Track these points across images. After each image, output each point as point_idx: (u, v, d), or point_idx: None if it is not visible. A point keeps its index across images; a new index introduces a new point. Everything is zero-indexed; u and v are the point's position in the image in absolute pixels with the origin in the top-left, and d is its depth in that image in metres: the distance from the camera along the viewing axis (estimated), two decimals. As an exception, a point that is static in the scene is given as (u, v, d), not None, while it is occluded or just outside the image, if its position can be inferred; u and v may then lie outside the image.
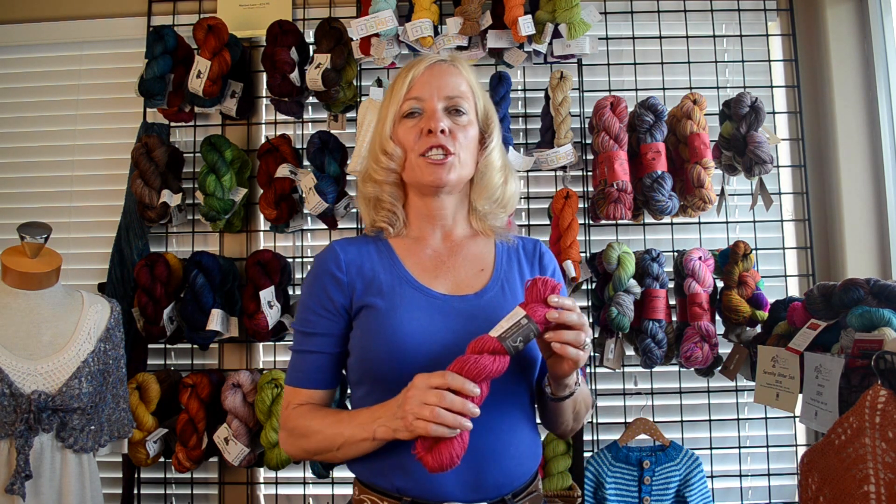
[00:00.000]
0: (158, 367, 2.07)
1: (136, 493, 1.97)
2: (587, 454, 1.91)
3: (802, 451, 1.69)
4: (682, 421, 2.02)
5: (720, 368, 1.87)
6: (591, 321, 2.01)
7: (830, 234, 2.05)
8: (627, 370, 2.01)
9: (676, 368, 2.02)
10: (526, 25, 1.81)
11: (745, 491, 2.02)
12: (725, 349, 1.88)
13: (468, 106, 1.12)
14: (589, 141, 2.00)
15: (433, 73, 1.11)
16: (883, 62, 1.96)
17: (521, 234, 2.08)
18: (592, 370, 2.00)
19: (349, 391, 1.16)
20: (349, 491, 1.15)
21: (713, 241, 2.05)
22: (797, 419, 1.42)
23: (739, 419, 2.04)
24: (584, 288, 2.02)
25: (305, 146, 1.99)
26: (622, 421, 2.00)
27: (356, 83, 2.06)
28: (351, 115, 2.09)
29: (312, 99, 2.08)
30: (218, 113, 2.11)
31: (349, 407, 1.15)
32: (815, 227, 2.05)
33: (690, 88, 2.08)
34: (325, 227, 2.03)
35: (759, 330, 1.78)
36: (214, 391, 1.85)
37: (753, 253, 1.85)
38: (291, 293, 2.04)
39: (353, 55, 1.94)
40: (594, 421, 2.01)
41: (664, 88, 2.09)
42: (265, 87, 2.07)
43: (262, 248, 2.09)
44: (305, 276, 1.13)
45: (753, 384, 1.58)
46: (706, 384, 2.02)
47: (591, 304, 2.01)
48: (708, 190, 1.81)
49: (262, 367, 2.10)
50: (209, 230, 2.08)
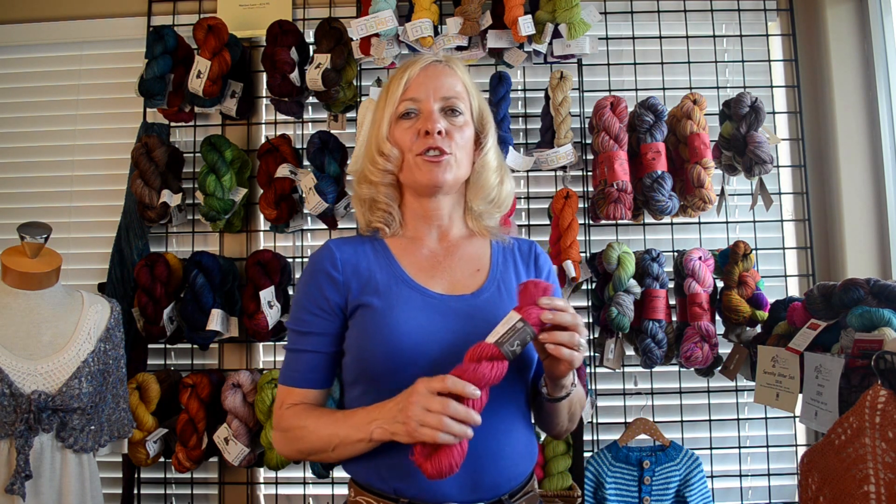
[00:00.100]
0: (158, 367, 2.07)
1: (136, 493, 1.97)
2: (587, 454, 1.91)
3: (802, 451, 1.69)
4: (682, 421, 2.02)
5: (720, 368, 1.87)
6: (591, 321, 2.01)
7: (830, 234, 2.05)
8: (627, 370, 2.01)
9: (676, 368, 2.02)
10: (526, 25, 1.81)
11: (745, 491, 2.02)
12: (725, 349, 1.88)
13: (464, 106, 1.12)
14: (589, 141, 2.00)
15: (429, 73, 1.11)
16: (883, 62, 1.96)
17: (521, 234, 2.09)
18: (592, 370, 2.00)
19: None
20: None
21: (713, 241, 2.05)
22: (797, 419, 1.42)
23: (739, 419, 2.04)
24: (584, 288, 2.02)
25: (305, 146, 1.99)
26: (622, 421, 2.00)
27: (356, 83, 2.06)
28: (351, 115, 2.09)
29: (312, 99, 2.08)
30: (218, 113, 2.11)
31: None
32: (815, 227, 2.05)
33: (690, 88, 2.08)
34: (325, 227, 2.03)
35: (759, 330, 1.78)
36: (214, 391, 1.85)
37: (753, 253, 1.85)
38: (291, 293, 2.04)
39: (353, 55, 1.94)
40: (594, 421, 2.01)
41: (664, 88, 2.09)
42: (265, 87, 2.07)
43: (262, 248, 2.09)
44: (301, 274, 1.12)
45: (753, 384, 1.58)
46: (706, 384, 2.03)
47: (591, 304, 2.01)
48: (708, 190, 1.81)
49: (262, 367, 2.10)
50: (209, 230, 2.08)
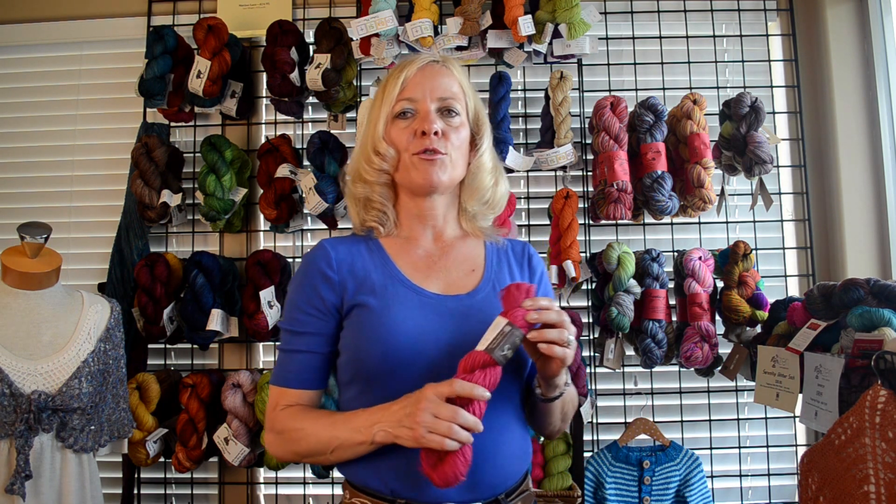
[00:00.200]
0: (158, 367, 2.07)
1: (136, 493, 1.97)
2: (587, 454, 1.91)
3: (802, 451, 1.69)
4: (682, 421, 2.02)
5: (720, 368, 1.87)
6: (591, 321, 2.01)
7: (830, 234, 2.05)
8: (627, 370, 2.01)
9: (676, 368, 2.02)
10: (526, 25, 1.81)
11: (745, 491, 2.02)
12: (725, 349, 1.88)
13: (460, 107, 1.11)
14: (589, 141, 2.00)
15: (426, 73, 1.11)
16: (883, 62, 1.96)
17: (520, 234, 2.09)
18: (592, 370, 2.00)
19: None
20: (348, 491, 1.15)
21: (713, 241, 2.05)
22: (797, 419, 1.42)
23: (739, 419, 2.04)
24: (584, 288, 2.02)
25: (305, 146, 1.99)
26: (622, 421, 2.00)
27: (356, 83, 2.05)
28: (351, 115, 2.09)
29: (312, 99, 2.08)
30: (218, 113, 2.11)
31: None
32: (815, 227, 2.05)
33: (690, 88, 2.08)
34: (325, 227, 2.03)
35: (759, 330, 1.78)
36: (214, 391, 1.85)
37: (753, 253, 1.85)
38: (291, 293, 2.04)
39: (353, 55, 1.94)
40: (594, 421, 2.01)
41: (664, 88, 2.09)
42: (265, 87, 2.07)
43: (262, 248, 2.09)
44: (294, 274, 1.11)
45: (753, 384, 1.58)
46: (706, 384, 2.02)
47: (591, 304, 2.01)
48: (708, 190, 1.81)
49: (262, 367, 2.10)
50: (209, 230, 2.08)
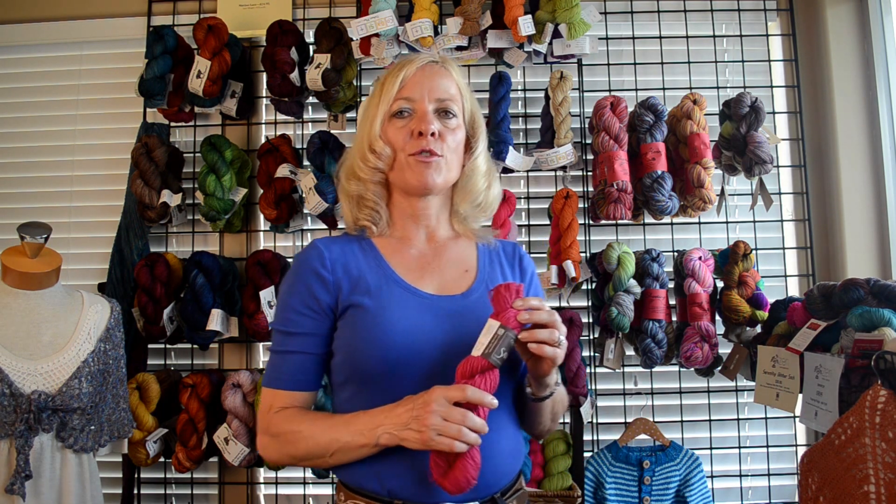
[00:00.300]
0: (158, 367, 2.07)
1: (136, 493, 1.97)
2: (587, 454, 1.91)
3: (802, 451, 1.69)
4: (682, 421, 2.02)
5: (720, 368, 1.87)
6: (591, 321, 2.01)
7: (830, 234, 2.04)
8: (627, 370, 2.01)
9: (676, 368, 2.02)
10: (526, 25, 1.80)
11: (745, 491, 2.01)
12: (725, 349, 1.88)
13: (457, 109, 1.11)
14: (589, 141, 2.00)
15: (425, 73, 1.11)
16: (883, 62, 1.96)
17: (520, 234, 2.09)
18: (592, 370, 2.00)
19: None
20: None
21: (713, 241, 2.05)
22: (797, 419, 1.42)
23: (739, 419, 2.04)
24: (584, 288, 2.02)
25: (305, 146, 1.98)
26: (622, 421, 2.00)
27: (356, 83, 2.05)
28: (351, 115, 2.09)
29: (312, 99, 2.08)
30: (218, 113, 2.11)
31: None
32: (815, 227, 2.05)
33: (690, 88, 2.08)
34: (325, 227, 2.03)
35: (759, 330, 1.78)
36: (214, 391, 1.85)
37: (753, 253, 1.84)
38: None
39: (353, 55, 1.94)
40: (594, 421, 2.01)
41: (664, 88, 2.09)
42: (265, 87, 2.07)
43: (262, 248, 2.09)
44: (286, 274, 1.10)
45: (753, 384, 1.58)
46: (706, 384, 2.02)
47: (591, 304, 2.01)
48: (708, 190, 1.81)
49: (262, 367, 2.10)
50: (209, 230, 2.07)
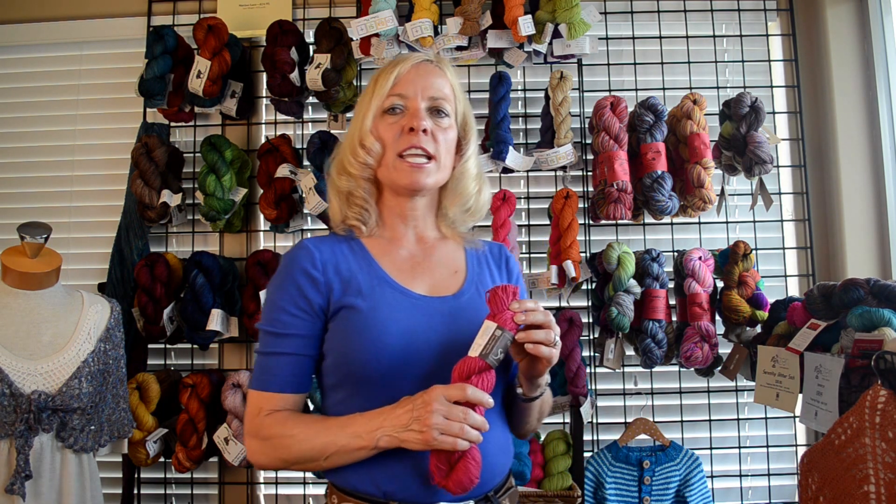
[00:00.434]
0: (158, 367, 2.07)
1: (136, 493, 1.97)
2: (587, 454, 1.91)
3: (802, 451, 1.69)
4: (682, 421, 2.02)
5: (720, 368, 1.87)
6: (591, 321, 2.01)
7: (830, 234, 2.04)
8: (627, 370, 2.01)
9: (676, 368, 2.02)
10: (526, 25, 1.80)
11: (745, 491, 2.01)
12: (725, 349, 1.88)
13: (450, 108, 1.11)
14: (589, 141, 2.00)
15: (419, 71, 1.10)
16: (883, 62, 1.96)
17: (520, 234, 2.09)
18: (592, 370, 1.99)
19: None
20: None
21: (713, 241, 2.05)
22: (797, 419, 1.42)
23: (739, 419, 2.04)
24: (584, 288, 2.02)
25: (305, 146, 1.99)
26: (622, 421, 2.00)
27: (356, 83, 2.05)
28: (351, 115, 2.09)
29: (312, 99, 2.08)
30: (218, 113, 2.11)
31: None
32: (815, 227, 2.05)
33: (690, 88, 2.08)
34: (325, 227, 2.03)
35: (759, 330, 1.78)
36: (214, 391, 1.85)
37: (753, 253, 1.85)
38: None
39: (353, 55, 1.94)
40: (594, 421, 2.01)
41: (664, 88, 2.09)
42: (265, 87, 2.07)
43: (262, 248, 2.09)
44: (274, 274, 1.08)
45: (753, 384, 1.58)
46: (706, 384, 2.02)
47: (591, 304, 2.01)
48: (708, 190, 1.81)
49: (262, 367, 2.10)
50: (209, 230, 2.07)
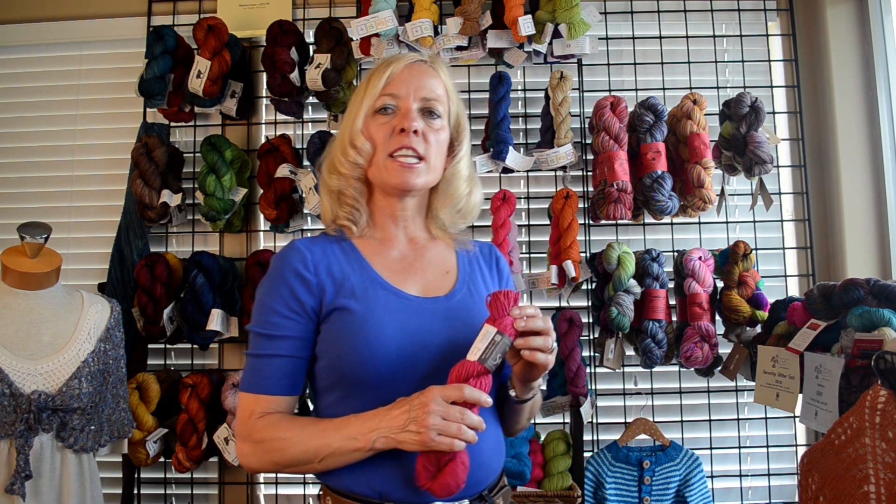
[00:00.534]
0: (158, 367, 2.06)
1: (136, 493, 1.97)
2: (587, 454, 1.91)
3: (802, 451, 1.69)
4: (682, 421, 2.02)
5: (720, 368, 1.87)
6: (591, 321, 2.01)
7: (830, 234, 2.04)
8: (627, 370, 2.01)
9: (676, 368, 2.02)
10: (526, 25, 1.80)
11: (745, 491, 2.01)
12: (725, 349, 1.88)
13: (443, 109, 1.10)
14: (589, 141, 2.00)
15: (412, 72, 1.09)
16: (883, 62, 1.96)
17: (520, 234, 2.09)
18: (592, 370, 1.99)
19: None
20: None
21: (713, 241, 2.05)
22: (797, 419, 1.42)
23: (739, 419, 2.04)
24: (584, 288, 2.02)
25: (305, 146, 1.99)
26: (622, 421, 2.00)
27: (356, 83, 2.05)
28: (351, 115, 2.09)
29: (312, 99, 2.08)
30: (218, 113, 2.11)
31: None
32: (815, 227, 2.05)
33: (690, 88, 2.08)
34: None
35: (759, 330, 1.78)
36: (214, 391, 1.85)
37: (753, 253, 1.84)
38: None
39: (353, 55, 1.94)
40: (594, 421, 2.01)
41: (664, 88, 2.09)
42: (265, 87, 2.07)
43: (262, 248, 2.09)
44: (265, 276, 1.07)
45: (753, 384, 1.58)
46: (706, 384, 2.02)
47: (591, 304, 2.01)
48: (708, 190, 1.81)
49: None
50: (209, 230, 2.07)
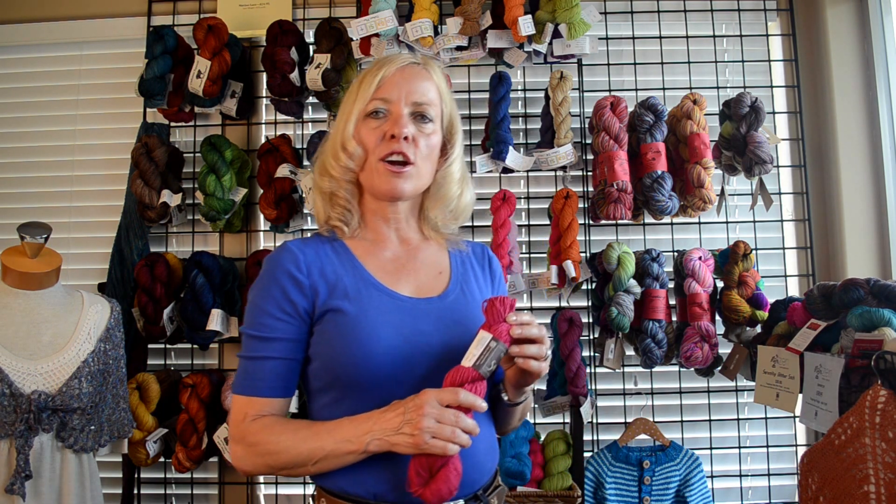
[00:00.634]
0: (158, 367, 2.06)
1: (136, 493, 1.97)
2: (587, 454, 1.91)
3: (802, 451, 1.69)
4: (682, 421, 2.02)
5: (720, 368, 1.87)
6: (591, 321, 2.01)
7: (830, 234, 2.04)
8: (627, 370, 2.01)
9: (676, 368, 2.02)
10: (526, 25, 1.81)
11: (745, 491, 2.02)
12: (725, 349, 1.88)
13: (435, 113, 1.09)
14: (589, 141, 2.00)
15: (404, 75, 1.08)
16: (883, 62, 1.96)
17: (520, 234, 2.09)
18: (592, 370, 1.99)
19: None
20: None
21: (713, 241, 2.05)
22: (797, 419, 1.42)
23: (739, 419, 2.04)
24: (584, 288, 2.02)
25: (305, 146, 1.99)
26: (622, 421, 2.00)
27: (356, 83, 2.05)
28: (351, 115, 2.09)
29: (312, 99, 2.08)
30: (218, 113, 2.11)
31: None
32: (815, 227, 2.05)
33: (690, 88, 2.08)
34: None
35: (759, 330, 1.78)
36: (214, 391, 1.85)
37: (753, 253, 1.85)
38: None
39: (353, 55, 1.94)
40: (594, 421, 2.01)
41: (664, 88, 2.09)
42: (265, 87, 2.07)
43: (262, 248, 2.09)
44: (257, 278, 1.07)
45: (753, 384, 1.58)
46: (706, 384, 2.02)
47: (591, 304, 2.01)
48: (708, 190, 1.81)
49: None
50: (209, 230, 2.07)
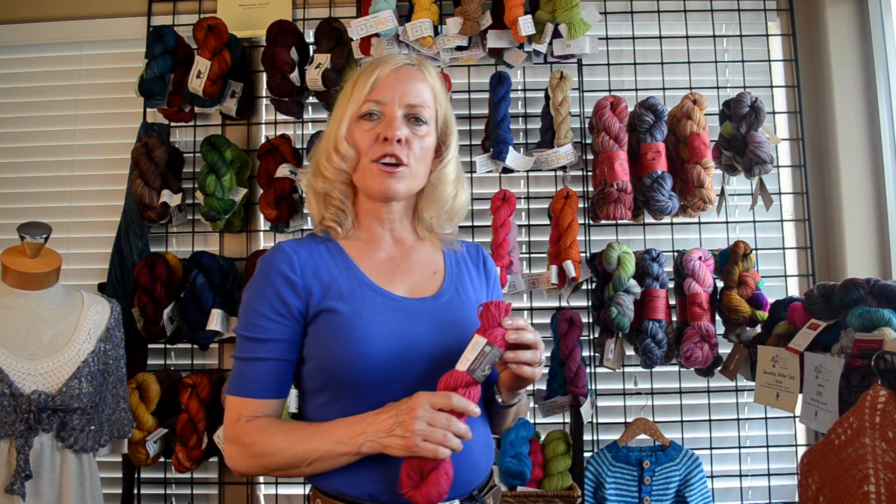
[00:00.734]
0: (158, 367, 2.07)
1: (136, 493, 1.97)
2: (587, 454, 1.91)
3: (802, 451, 1.69)
4: (682, 421, 2.02)
5: (720, 368, 1.87)
6: (591, 321, 2.01)
7: (830, 234, 2.04)
8: (627, 370, 2.01)
9: (676, 368, 2.02)
10: (526, 25, 1.81)
11: (745, 491, 2.02)
12: (725, 349, 1.88)
13: (429, 114, 1.09)
14: (589, 141, 2.00)
15: (398, 76, 1.07)
16: (883, 62, 1.96)
17: (520, 234, 2.09)
18: (592, 370, 1.99)
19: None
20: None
21: (713, 241, 2.05)
22: (797, 419, 1.42)
23: (739, 419, 2.04)
24: (584, 288, 2.02)
25: (305, 146, 1.99)
26: (622, 421, 2.00)
27: (356, 83, 2.05)
28: (351, 115, 2.09)
29: (312, 99, 2.08)
30: (218, 113, 2.11)
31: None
32: (815, 227, 2.05)
33: (690, 88, 2.08)
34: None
35: (759, 330, 1.78)
36: (214, 391, 1.85)
37: (753, 253, 1.85)
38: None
39: (353, 55, 1.94)
40: (594, 421, 2.01)
41: (664, 88, 2.09)
42: (265, 87, 2.07)
43: (262, 248, 2.09)
44: (251, 278, 1.07)
45: (753, 384, 1.58)
46: (706, 384, 2.02)
47: (591, 304, 2.01)
48: (708, 190, 1.81)
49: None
50: (209, 230, 2.07)
